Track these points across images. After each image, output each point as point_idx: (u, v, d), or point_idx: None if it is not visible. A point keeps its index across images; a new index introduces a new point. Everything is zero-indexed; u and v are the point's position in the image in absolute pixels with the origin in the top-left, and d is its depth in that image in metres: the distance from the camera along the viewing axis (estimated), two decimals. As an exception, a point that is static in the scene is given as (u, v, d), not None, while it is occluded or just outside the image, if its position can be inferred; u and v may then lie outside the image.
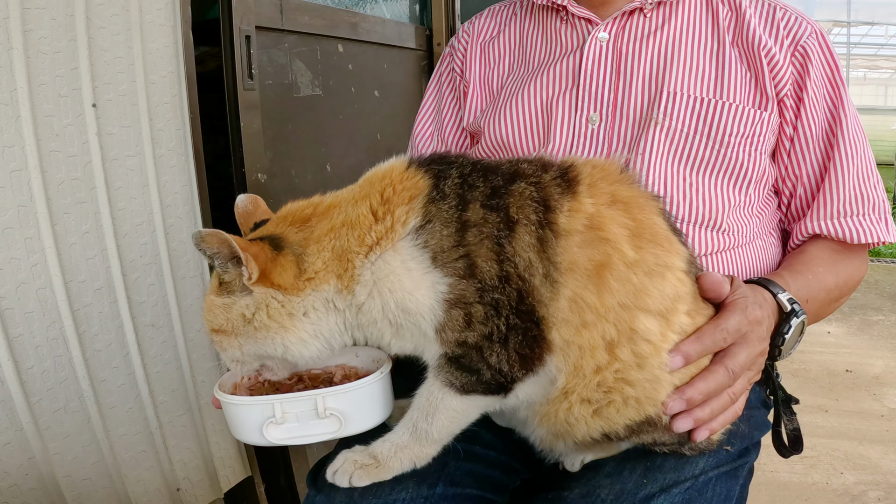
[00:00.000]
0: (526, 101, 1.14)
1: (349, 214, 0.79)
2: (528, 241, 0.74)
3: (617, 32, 1.11)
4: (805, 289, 1.00)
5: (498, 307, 0.74)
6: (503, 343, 0.75)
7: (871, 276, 4.81)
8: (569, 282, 0.75)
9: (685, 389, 0.80)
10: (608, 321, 0.76)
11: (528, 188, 0.77)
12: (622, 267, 0.76)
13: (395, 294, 0.76)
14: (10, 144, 1.10)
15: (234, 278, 0.79)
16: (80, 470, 1.27)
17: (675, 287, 0.79)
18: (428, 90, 1.34)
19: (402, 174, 0.80)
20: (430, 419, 0.80)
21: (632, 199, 0.80)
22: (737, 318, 0.83)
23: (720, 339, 0.82)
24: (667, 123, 1.05)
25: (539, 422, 0.85)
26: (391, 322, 0.78)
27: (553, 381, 0.80)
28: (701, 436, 0.84)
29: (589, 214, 0.76)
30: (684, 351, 0.79)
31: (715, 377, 0.82)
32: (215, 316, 0.81)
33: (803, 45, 1.05)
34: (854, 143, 1.07)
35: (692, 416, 0.81)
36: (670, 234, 0.81)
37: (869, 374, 3.17)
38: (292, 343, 0.79)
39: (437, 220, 0.76)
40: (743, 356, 0.84)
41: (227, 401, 0.82)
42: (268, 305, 0.78)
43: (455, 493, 0.90)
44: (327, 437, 0.82)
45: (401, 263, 0.76)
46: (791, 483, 2.29)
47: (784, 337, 0.92)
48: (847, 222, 1.07)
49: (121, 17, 1.24)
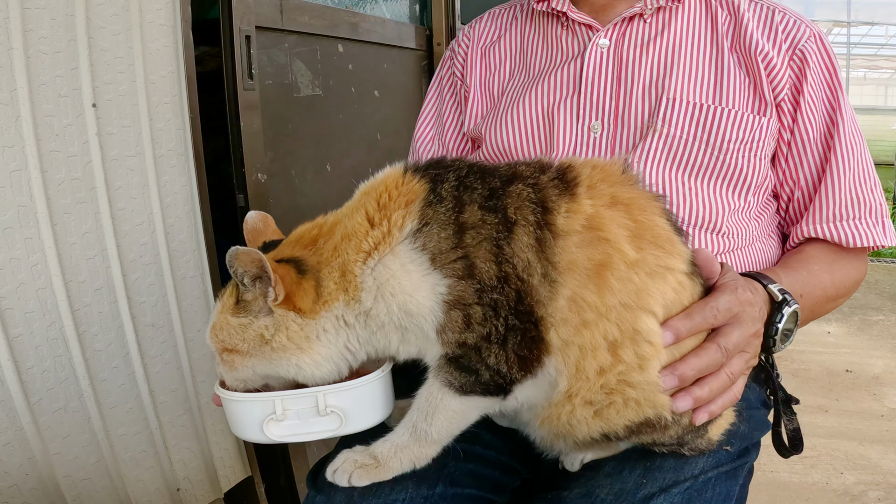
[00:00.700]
0: (527, 108, 1.14)
1: (347, 227, 0.79)
2: (527, 242, 0.75)
3: (617, 39, 1.11)
4: (799, 284, 0.99)
5: (497, 308, 0.74)
6: (502, 344, 0.75)
7: (871, 276, 4.81)
8: (568, 281, 0.75)
9: (677, 365, 0.80)
10: (610, 320, 0.76)
11: (525, 189, 0.77)
12: (623, 267, 0.75)
13: (397, 297, 0.76)
14: (10, 144, 1.10)
15: (254, 298, 0.79)
16: (80, 470, 1.27)
17: (674, 290, 0.79)
18: (429, 94, 1.34)
19: (398, 180, 0.80)
20: (429, 420, 0.80)
21: (633, 201, 0.80)
22: (727, 298, 0.83)
23: (710, 317, 0.81)
24: (666, 130, 1.05)
25: (541, 423, 0.85)
26: (397, 326, 0.78)
27: (554, 385, 0.79)
28: (701, 418, 0.83)
29: (588, 215, 0.76)
30: (674, 326, 0.78)
31: (707, 353, 0.81)
32: (229, 335, 0.80)
33: (801, 48, 1.05)
34: (851, 147, 1.07)
35: (691, 395, 0.81)
36: (672, 235, 0.81)
37: (869, 374, 3.17)
38: (307, 364, 0.79)
39: (435, 222, 0.76)
40: (735, 335, 0.83)
41: (228, 398, 0.82)
42: (287, 328, 0.78)
43: (455, 494, 0.90)
44: (328, 434, 0.82)
45: (400, 266, 0.76)
46: (791, 483, 2.29)
47: (777, 326, 0.91)
48: (843, 226, 1.06)
49: (121, 17, 1.24)
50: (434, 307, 0.75)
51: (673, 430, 0.84)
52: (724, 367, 0.83)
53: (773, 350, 0.93)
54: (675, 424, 0.83)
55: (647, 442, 0.86)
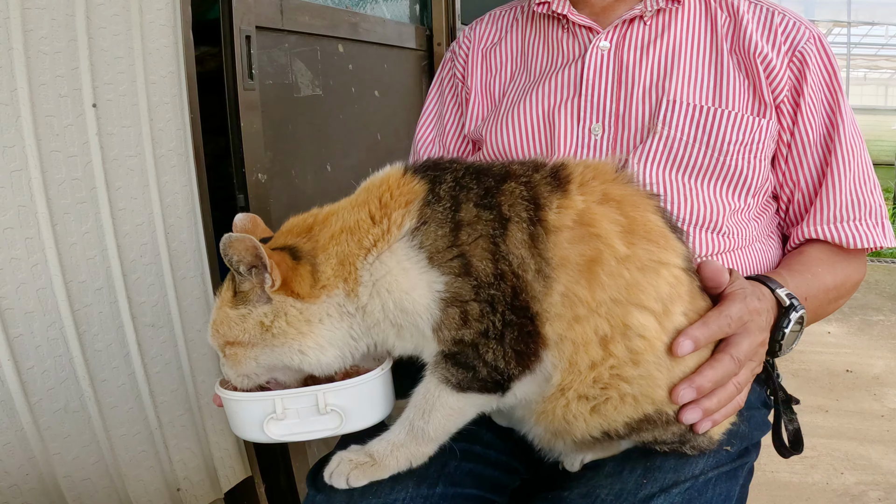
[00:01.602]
0: (528, 110, 1.14)
1: (347, 220, 0.80)
2: (521, 238, 0.75)
3: (618, 41, 1.11)
4: (804, 286, 1.00)
5: (493, 304, 0.75)
6: (499, 340, 0.76)
7: (871, 276, 4.81)
8: (560, 277, 0.75)
9: (694, 378, 0.80)
10: (600, 315, 0.76)
11: (518, 187, 0.78)
12: (613, 262, 0.76)
13: (393, 294, 0.77)
14: (10, 144, 1.10)
15: (251, 287, 0.80)
16: (80, 470, 1.27)
17: (669, 284, 0.79)
18: (429, 95, 1.35)
19: (399, 180, 0.81)
20: (426, 417, 0.80)
21: (625, 198, 0.80)
22: (738, 307, 0.83)
23: (725, 325, 0.82)
24: (666, 132, 1.05)
25: (536, 420, 0.85)
26: (392, 323, 0.79)
27: (548, 379, 0.80)
28: (704, 426, 0.84)
29: (579, 211, 0.77)
30: (693, 335, 0.79)
31: (722, 365, 0.82)
32: (230, 328, 0.81)
33: (801, 50, 1.05)
34: (851, 148, 1.07)
35: (700, 407, 0.81)
36: (666, 231, 0.81)
37: (869, 375, 3.17)
38: (310, 348, 0.79)
39: (433, 221, 0.77)
40: (745, 345, 0.84)
41: (228, 397, 0.82)
42: (286, 313, 0.79)
43: (455, 493, 0.90)
44: (328, 433, 0.82)
45: (396, 264, 0.77)
46: (791, 483, 2.29)
47: (784, 331, 0.91)
48: (843, 227, 1.07)
49: (121, 17, 1.24)
50: (430, 305, 0.76)
51: (675, 427, 0.84)
52: (734, 378, 0.84)
53: (779, 354, 0.93)
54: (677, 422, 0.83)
55: (648, 440, 0.86)
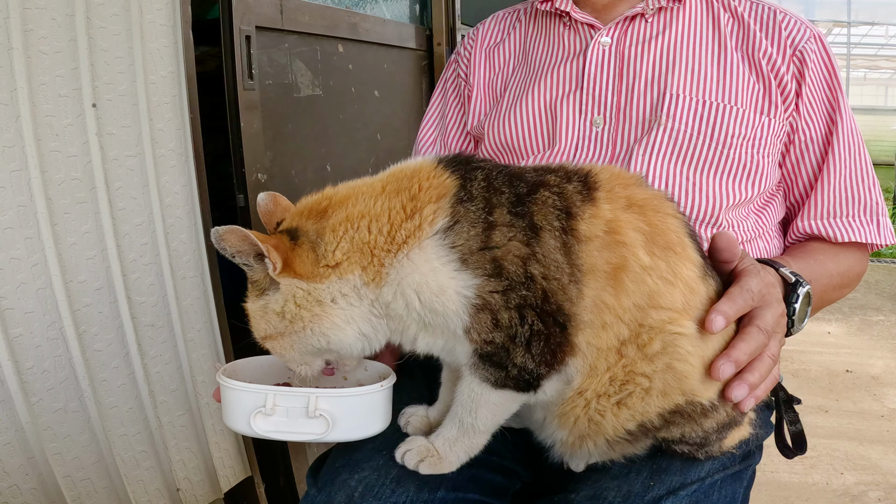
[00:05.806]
0: (530, 103, 1.15)
1: (371, 206, 0.78)
2: (554, 245, 0.75)
3: (619, 37, 1.12)
4: (807, 270, 0.99)
5: (523, 309, 0.75)
6: (527, 345, 0.76)
7: (871, 276, 4.81)
8: (590, 283, 0.75)
9: (730, 352, 0.80)
10: (623, 322, 0.77)
11: (551, 196, 0.77)
12: (638, 269, 0.76)
13: (422, 294, 0.76)
14: (10, 144, 1.10)
15: (261, 276, 0.80)
16: (80, 470, 1.27)
17: (683, 295, 0.79)
18: (433, 98, 1.36)
19: (430, 172, 0.79)
20: (473, 414, 0.82)
21: (647, 202, 0.80)
22: (755, 280, 0.84)
23: (749, 299, 0.82)
24: (669, 125, 1.05)
25: (559, 423, 0.85)
26: (417, 320, 0.78)
27: (569, 381, 0.80)
28: (749, 403, 0.83)
29: (607, 220, 0.77)
30: (722, 310, 0.79)
31: (752, 337, 0.82)
32: (257, 323, 0.81)
33: (801, 49, 1.06)
34: (848, 146, 1.08)
35: (746, 382, 0.81)
36: (685, 238, 0.81)
37: (869, 375, 3.18)
38: (328, 329, 0.79)
39: (466, 220, 0.75)
40: (769, 316, 0.84)
41: (223, 383, 0.83)
42: (294, 294, 0.78)
43: (456, 498, 0.90)
44: (312, 437, 0.81)
45: (425, 262, 0.75)
46: (791, 483, 2.29)
47: (794, 307, 0.90)
48: (836, 223, 1.08)
49: (121, 17, 1.24)
50: (460, 310, 0.75)
51: (711, 420, 0.84)
52: (766, 350, 0.84)
53: (792, 332, 0.93)
54: (714, 412, 0.83)
55: (675, 437, 0.85)
